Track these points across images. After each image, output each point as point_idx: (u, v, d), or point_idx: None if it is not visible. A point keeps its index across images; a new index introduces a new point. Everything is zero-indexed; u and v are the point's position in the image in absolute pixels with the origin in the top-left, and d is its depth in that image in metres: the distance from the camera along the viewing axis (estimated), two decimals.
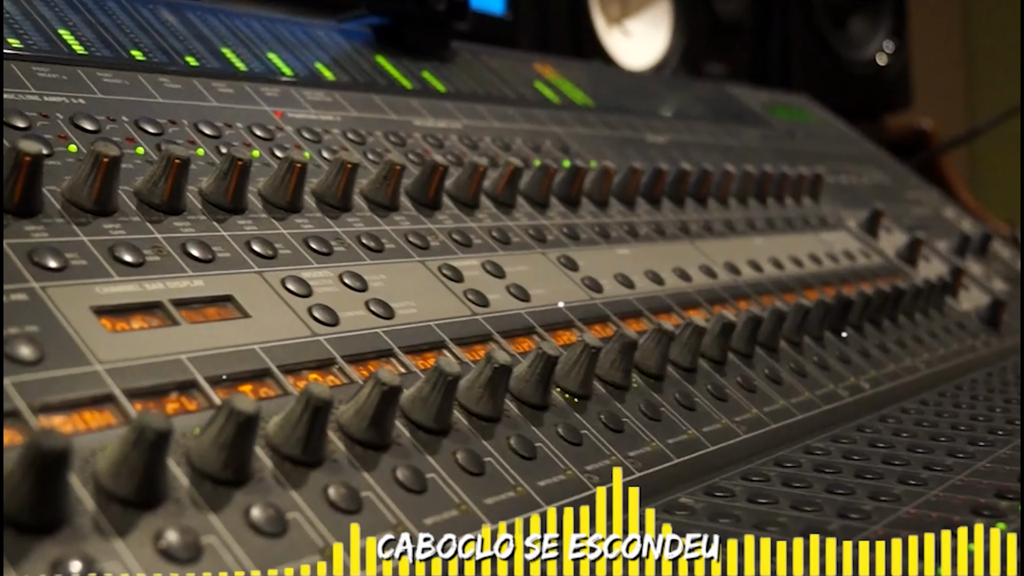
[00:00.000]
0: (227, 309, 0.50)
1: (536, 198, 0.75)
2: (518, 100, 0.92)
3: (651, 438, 0.58)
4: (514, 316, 0.62)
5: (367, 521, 0.43)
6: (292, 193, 0.59)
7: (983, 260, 1.19)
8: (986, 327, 1.00)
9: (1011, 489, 0.53)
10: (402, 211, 0.65)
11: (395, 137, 0.74)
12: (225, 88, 0.68)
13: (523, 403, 0.54)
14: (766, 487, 0.54)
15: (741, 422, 0.64)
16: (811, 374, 0.73)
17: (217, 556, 0.38)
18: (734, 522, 0.48)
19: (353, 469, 0.45)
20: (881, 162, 1.37)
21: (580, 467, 0.52)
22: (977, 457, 0.59)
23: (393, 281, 0.59)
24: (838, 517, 0.49)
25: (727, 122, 1.18)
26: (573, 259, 0.71)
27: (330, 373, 0.50)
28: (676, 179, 0.88)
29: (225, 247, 0.54)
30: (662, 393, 0.62)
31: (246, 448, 0.41)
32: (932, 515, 0.49)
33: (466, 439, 0.50)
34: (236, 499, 0.40)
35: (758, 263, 0.86)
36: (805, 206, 1.05)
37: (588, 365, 0.57)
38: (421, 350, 0.55)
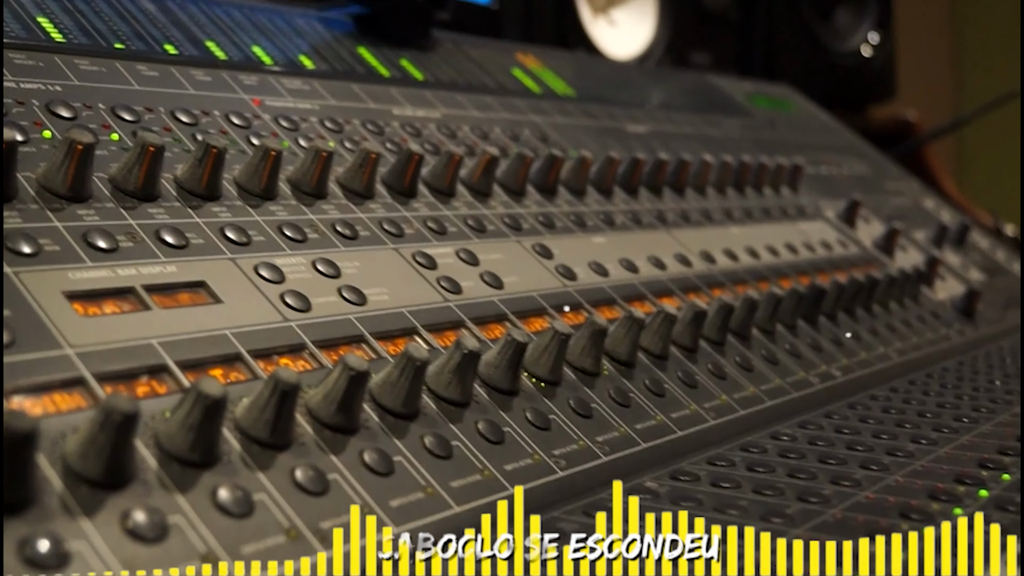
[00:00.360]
0: (199, 295, 0.51)
1: (512, 187, 0.76)
2: (498, 89, 0.93)
3: (619, 423, 0.59)
4: (486, 303, 0.62)
5: (333, 503, 0.44)
6: (267, 181, 0.60)
7: (961, 250, 1.20)
8: (961, 317, 1.01)
9: (969, 474, 0.54)
10: (377, 199, 0.66)
11: (373, 126, 0.75)
12: (203, 76, 0.69)
13: (492, 388, 0.55)
14: (730, 471, 0.55)
15: (710, 408, 0.65)
16: (782, 362, 0.74)
17: (183, 536, 0.39)
18: (696, 505, 0.49)
19: (321, 452, 0.46)
20: (862, 152, 1.38)
21: (547, 451, 0.53)
22: (940, 444, 0.60)
23: (366, 268, 0.59)
24: (797, 501, 0.50)
25: (709, 112, 1.19)
26: (548, 247, 0.72)
27: (301, 358, 0.51)
28: (654, 169, 0.89)
29: (199, 234, 0.55)
30: (632, 379, 0.63)
31: (213, 430, 0.42)
32: (890, 499, 0.50)
33: (434, 423, 0.51)
34: (203, 480, 0.41)
35: (734, 252, 0.87)
36: (784, 196, 1.06)
37: (558, 352, 0.58)
38: (392, 336, 0.56)
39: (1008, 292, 1.16)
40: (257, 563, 0.39)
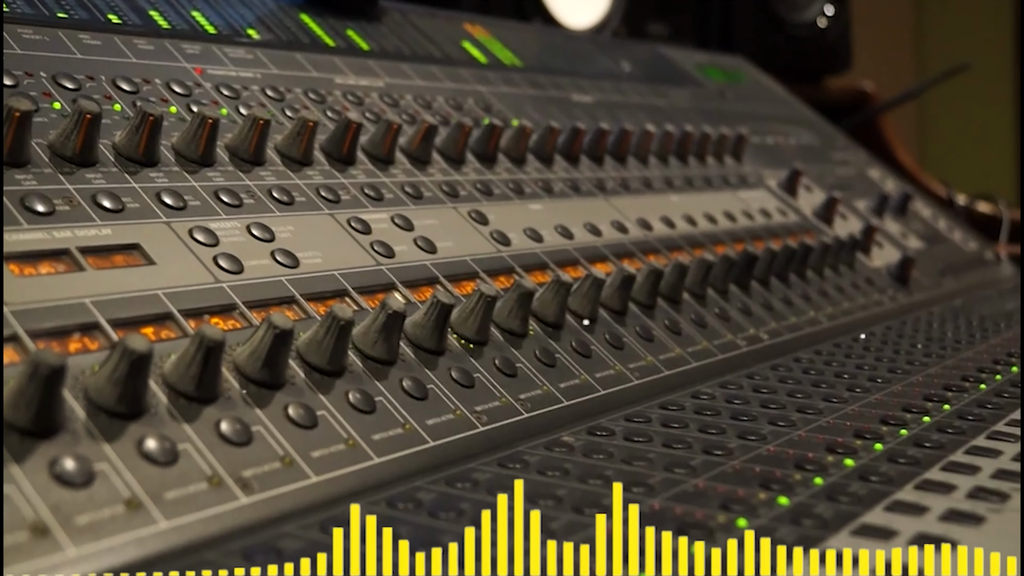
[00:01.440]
0: (133, 256, 0.53)
1: (452, 155, 0.78)
2: (444, 59, 0.94)
3: (543, 382, 0.61)
4: (419, 267, 0.65)
5: (255, 453, 0.46)
6: (204, 147, 0.62)
7: (902, 219, 1.23)
8: (895, 283, 1.04)
9: (869, 430, 0.57)
10: (316, 166, 0.68)
11: (315, 94, 0.77)
12: (146, 45, 0.70)
13: (419, 348, 0.58)
14: (645, 427, 0.58)
15: (635, 368, 0.67)
16: (711, 325, 0.77)
17: (108, 481, 0.41)
18: (606, 458, 0.52)
19: (246, 405, 0.48)
20: (811, 123, 1.41)
21: (469, 407, 0.56)
22: (850, 402, 0.63)
23: (301, 232, 0.62)
24: (703, 453, 0.53)
25: (658, 83, 1.21)
26: (484, 213, 0.74)
27: (231, 318, 0.53)
28: (595, 138, 0.91)
29: (135, 198, 0.57)
30: (559, 340, 0.65)
31: (139, 384, 0.44)
32: (789, 452, 0.53)
33: (359, 380, 0.53)
34: (130, 431, 0.44)
35: (671, 219, 0.89)
36: (727, 165, 1.08)
37: (484, 313, 0.61)
38: (323, 297, 0.58)
39: (946, 260, 1.19)
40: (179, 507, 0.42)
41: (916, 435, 0.56)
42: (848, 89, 1.91)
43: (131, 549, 0.40)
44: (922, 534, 0.42)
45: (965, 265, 1.21)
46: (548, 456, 0.52)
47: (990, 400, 0.64)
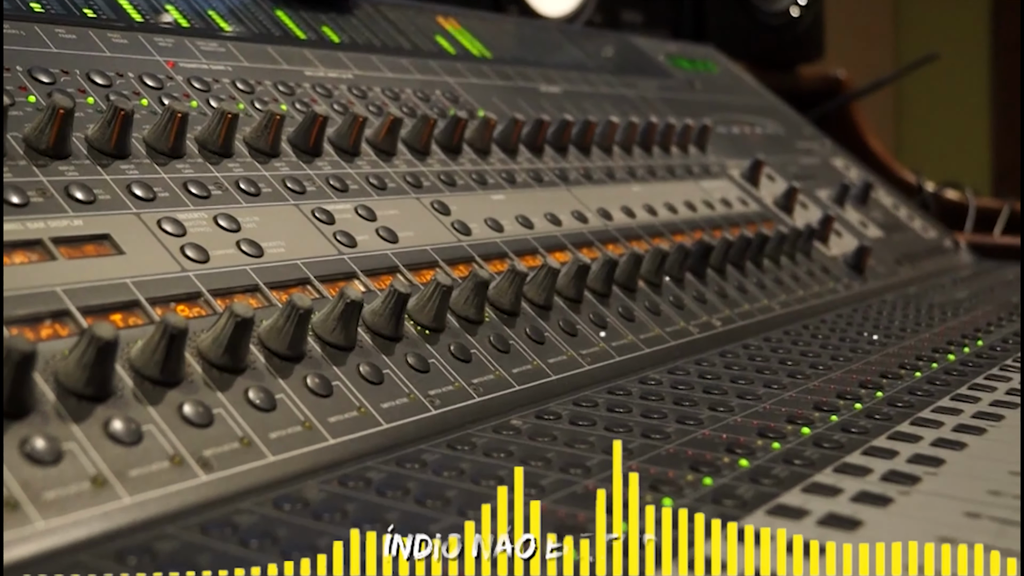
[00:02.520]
0: (104, 246, 0.56)
1: (417, 146, 0.81)
2: (414, 51, 0.97)
3: (496, 367, 0.64)
4: (380, 256, 0.68)
5: (216, 434, 0.49)
6: (174, 140, 0.64)
7: (863, 208, 1.27)
8: (851, 272, 1.07)
9: (801, 415, 0.60)
10: (283, 158, 0.71)
11: (284, 87, 0.79)
12: (119, 39, 0.73)
13: (376, 334, 0.61)
14: (590, 411, 0.61)
15: (587, 355, 0.71)
16: (665, 312, 0.80)
17: (75, 460, 0.44)
18: (549, 440, 0.55)
19: (208, 389, 0.51)
20: (779, 112, 1.44)
21: (423, 391, 0.59)
22: (789, 388, 0.67)
23: (266, 223, 0.65)
24: (641, 437, 0.56)
25: (627, 73, 1.24)
26: (446, 204, 0.77)
27: (196, 305, 0.56)
28: (559, 129, 0.94)
29: (106, 190, 0.59)
30: (513, 328, 0.69)
31: (106, 368, 0.47)
32: (722, 436, 0.56)
33: (318, 365, 0.56)
34: (97, 412, 0.47)
35: (631, 209, 0.92)
36: (691, 155, 1.11)
37: (440, 301, 0.64)
38: (285, 286, 0.61)
39: (904, 248, 1.23)
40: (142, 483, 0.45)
41: (845, 421, 0.59)
42: (821, 77, 1.94)
43: (96, 523, 0.43)
44: (832, 514, 0.45)
45: (923, 253, 1.25)
46: (495, 438, 0.56)
47: (921, 387, 0.67)
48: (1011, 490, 0.48)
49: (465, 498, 0.47)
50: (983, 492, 0.48)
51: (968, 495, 0.47)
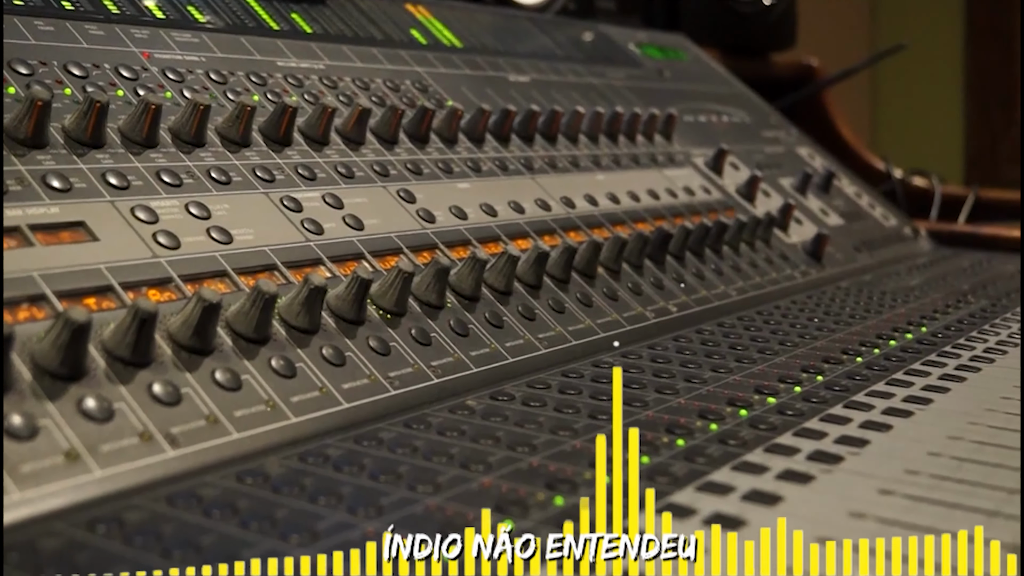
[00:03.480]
0: (79, 233, 0.59)
1: (385, 136, 0.84)
2: (385, 41, 1.00)
3: (455, 350, 0.68)
4: (346, 243, 0.71)
5: (183, 412, 0.52)
6: (148, 130, 0.67)
7: (825, 196, 1.30)
8: (809, 259, 1.11)
9: (742, 398, 0.63)
10: (253, 147, 0.74)
11: (256, 77, 0.82)
12: (96, 31, 0.76)
13: (340, 318, 0.64)
14: (543, 393, 0.64)
15: (544, 339, 0.74)
16: (622, 298, 0.84)
17: (50, 435, 0.47)
18: (501, 420, 0.59)
19: (177, 370, 0.54)
20: (746, 101, 1.47)
21: (383, 373, 0.62)
22: (735, 372, 0.70)
23: (236, 210, 0.68)
24: (587, 417, 0.59)
25: (596, 62, 1.27)
26: (412, 192, 0.80)
27: (167, 290, 0.59)
28: (525, 118, 0.97)
29: (82, 179, 0.62)
30: (473, 312, 0.72)
31: (80, 349, 0.50)
32: (664, 417, 0.59)
33: (283, 347, 0.59)
34: (70, 391, 0.50)
35: (594, 197, 0.95)
36: (657, 144, 1.14)
37: (402, 287, 0.67)
38: (253, 272, 0.64)
39: (863, 235, 1.26)
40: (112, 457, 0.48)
41: (782, 403, 0.63)
42: (794, 65, 1.98)
43: (69, 494, 0.46)
44: (755, 490, 0.48)
45: (882, 241, 1.28)
46: (449, 418, 0.59)
47: (860, 372, 0.71)
48: (927, 469, 0.52)
49: (416, 474, 0.50)
50: (900, 471, 0.51)
51: (885, 474, 0.51)
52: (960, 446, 0.55)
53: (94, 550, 0.41)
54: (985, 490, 0.49)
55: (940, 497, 0.48)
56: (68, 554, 0.41)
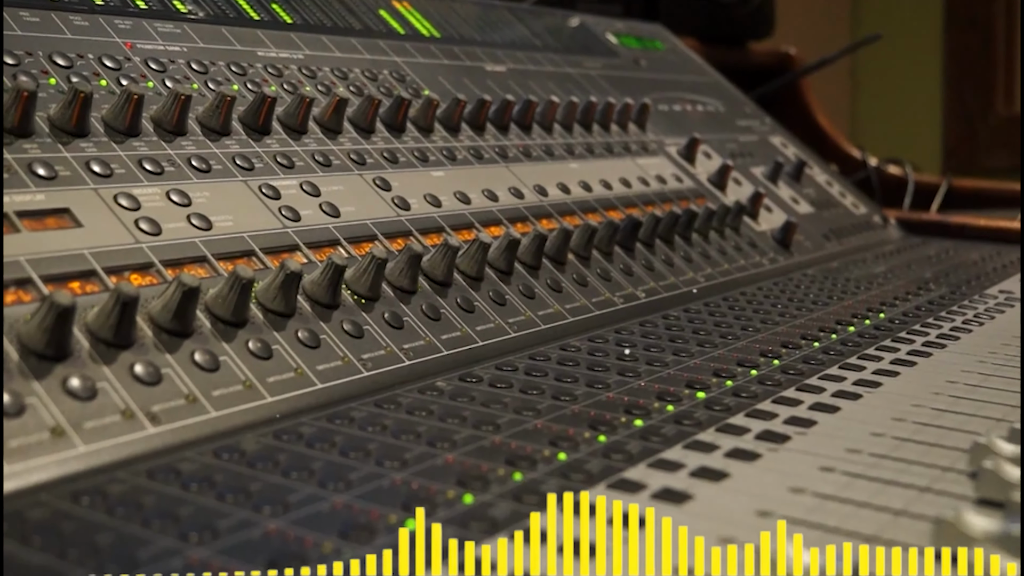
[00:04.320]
0: (63, 220, 0.61)
1: (362, 125, 0.86)
2: (364, 31, 1.02)
3: (427, 334, 0.70)
4: (322, 230, 0.73)
5: (163, 391, 0.55)
6: (130, 120, 0.70)
7: (796, 185, 1.33)
8: (777, 246, 1.14)
9: (700, 380, 0.66)
10: (233, 136, 0.76)
11: (237, 67, 0.84)
12: (81, 21, 0.78)
13: (315, 302, 0.66)
14: (510, 375, 0.67)
15: (514, 323, 0.77)
16: (592, 284, 0.87)
17: (36, 413, 0.50)
18: (468, 400, 0.61)
19: (157, 351, 0.57)
20: (722, 90, 1.49)
21: (357, 355, 0.65)
22: (695, 356, 0.73)
23: (216, 198, 0.70)
24: (551, 399, 0.62)
25: (573, 52, 1.29)
26: (388, 180, 0.83)
27: (148, 275, 0.62)
28: (500, 108, 1.00)
29: (67, 167, 0.65)
30: (445, 297, 0.74)
31: (64, 331, 0.53)
32: (624, 399, 0.62)
33: (260, 330, 0.62)
34: (56, 371, 0.52)
35: (567, 186, 0.98)
36: (630, 133, 1.17)
37: (376, 272, 0.69)
38: (232, 257, 0.66)
39: (833, 223, 1.29)
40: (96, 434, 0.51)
41: (738, 386, 0.66)
42: (772, 53, 2.00)
43: (54, 468, 0.49)
44: (704, 467, 0.51)
45: (851, 229, 1.31)
46: (419, 398, 0.62)
47: (816, 357, 0.74)
48: (868, 448, 0.55)
49: (384, 450, 0.53)
50: (841, 450, 0.54)
51: (828, 452, 0.54)
52: (902, 427, 0.58)
53: (78, 520, 0.44)
54: (920, 468, 0.52)
55: (877, 474, 0.51)
56: (54, 523, 0.44)
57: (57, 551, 0.41)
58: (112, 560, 0.40)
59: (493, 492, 0.48)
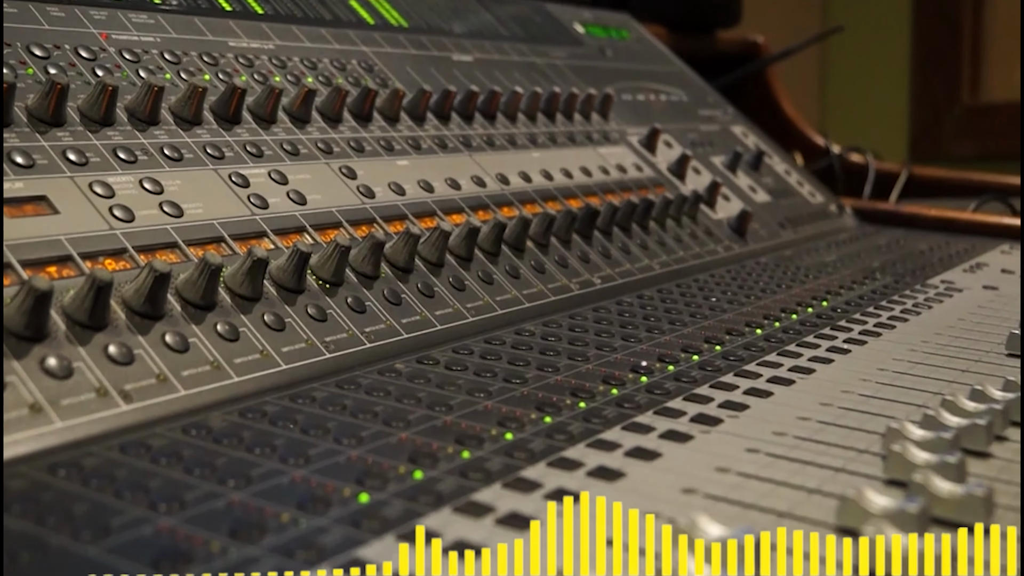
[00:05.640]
0: (41, 207, 0.65)
1: (330, 115, 0.90)
2: (333, 21, 1.05)
3: (388, 318, 0.74)
4: (289, 217, 0.77)
5: (136, 371, 0.58)
6: (105, 110, 0.73)
7: (755, 174, 1.37)
8: (733, 235, 1.18)
9: (644, 365, 0.70)
10: (204, 125, 0.79)
11: (209, 57, 0.87)
12: (57, 12, 0.81)
13: (281, 287, 0.70)
14: (465, 358, 0.71)
15: (472, 308, 0.80)
16: (549, 271, 0.90)
17: (16, 391, 0.53)
18: (424, 382, 0.65)
19: (130, 333, 0.60)
20: (686, 80, 1.53)
21: (320, 338, 0.69)
22: (643, 341, 0.77)
23: (187, 186, 0.73)
24: (502, 381, 0.66)
25: (539, 41, 1.32)
26: (354, 169, 0.86)
27: (122, 260, 0.65)
28: (465, 98, 1.03)
29: (44, 155, 0.68)
30: (407, 283, 0.78)
31: (42, 314, 0.56)
32: (571, 381, 0.66)
33: (228, 313, 0.66)
34: (34, 351, 0.56)
35: (528, 174, 1.02)
36: (593, 123, 1.21)
37: (339, 259, 0.73)
38: (202, 243, 0.70)
39: (789, 212, 1.34)
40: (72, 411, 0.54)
41: (679, 371, 0.70)
42: (739, 42, 2.04)
43: (33, 442, 0.52)
44: (638, 447, 0.55)
45: (807, 217, 1.36)
46: (378, 379, 0.65)
47: (757, 344, 0.78)
48: (792, 431, 0.59)
49: (343, 428, 0.56)
50: (769, 433, 0.59)
51: (755, 435, 0.58)
52: (827, 412, 0.63)
53: (56, 490, 0.48)
54: (838, 450, 0.56)
55: (797, 456, 0.55)
56: (33, 493, 0.47)
57: (36, 518, 0.44)
58: (86, 527, 0.44)
59: (441, 468, 0.52)
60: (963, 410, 0.59)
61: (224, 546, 0.43)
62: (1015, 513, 0.49)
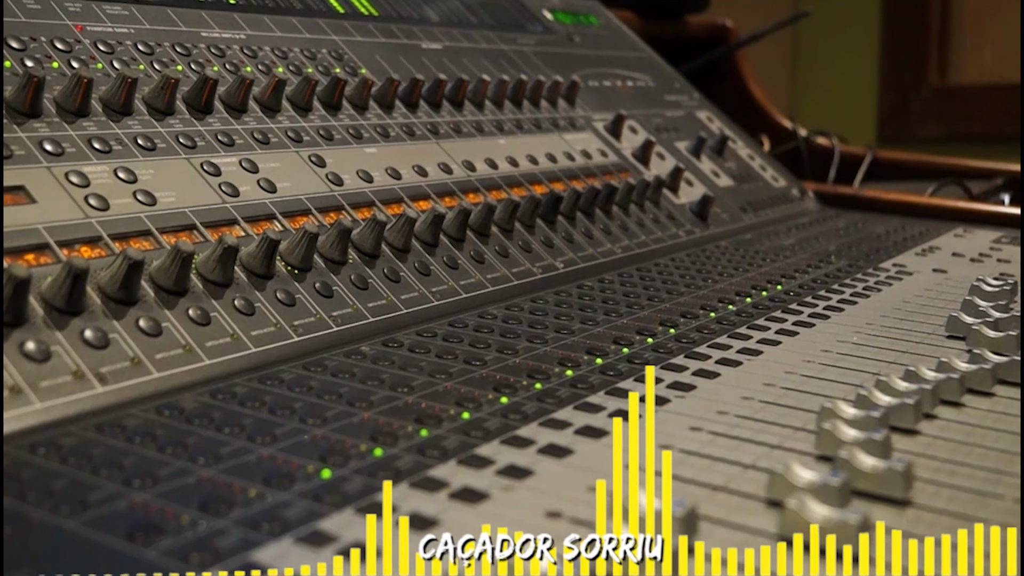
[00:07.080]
0: (19, 196, 0.67)
1: (300, 104, 0.92)
2: (304, 10, 1.08)
3: (354, 302, 0.77)
4: (259, 205, 0.80)
5: (111, 354, 0.61)
6: (80, 101, 0.75)
7: (719, 159, 1.40)
8: (695, 219, 1.21)
9: (600, 347, 0.74)
10: (177, 115, 0.82)
11: (181, 48, 0.90)
12: (33, 4, 0.83)
13: (251, 273, 0.73)
14: (429, 340, 0.74)
15: (436, 292, 0.83)
16: (513, 255, 0.94)
17: None
18: (388, 364, 0.68)
19: (105, 318, 0.63)
20: (652, 66, 1.56)
21: (289, 322, 0.72)
22: (600, 324, 0.80)
23: (160, 175, 0.76)
24: (463, 363, 0.69)
25: (507, 28, 1.35)
26: (323, 157, 0.89)
27: (97, 247, 0.68)
28: (433, 86, 1.06)
29: (21, 146, 0.70)
30: (373, 268, 0.81)
31: (21, 300, 0.59)
32: (529, 363, 0.70)
33: (199, 299, 0.68)
34: (13, 336, 0.58)
35: (494, 161, 1.05)
36: (559, 109, 1.24)
37: (308, 245, 0.76)
38: (175, 231, 0.73)
39: (751, 196, 1.37)
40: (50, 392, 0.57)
41: (633, 353, 0.73)
42: (707, 25, 2.07)
43: (13, 423, 0.55)
44: (588, 426, 0.59)
45: (768, 202, 1.39)
46: (344, 362, 0.68)
47: (709, 327, 0.81)
48: (734, 410, 0.62)
49: (308, 409, 0.59)
50: (713, 412, 0.62)
51: (699, 414, 0.62)
52: (769, 392, 0.66)
53: (35, 468, 0.51)
54: (776, 428, 0.60)
55: (737, 433, 0.59)
56: (14, 471, 0.50)
57: (17, 494, 0.47)
58: (65, 502, 0.47)
59: (400, 447, 0.55)
60: (894, 390, 0.62)
61: (194, 519, 0.46)
62: (935, 487, 0.52)
